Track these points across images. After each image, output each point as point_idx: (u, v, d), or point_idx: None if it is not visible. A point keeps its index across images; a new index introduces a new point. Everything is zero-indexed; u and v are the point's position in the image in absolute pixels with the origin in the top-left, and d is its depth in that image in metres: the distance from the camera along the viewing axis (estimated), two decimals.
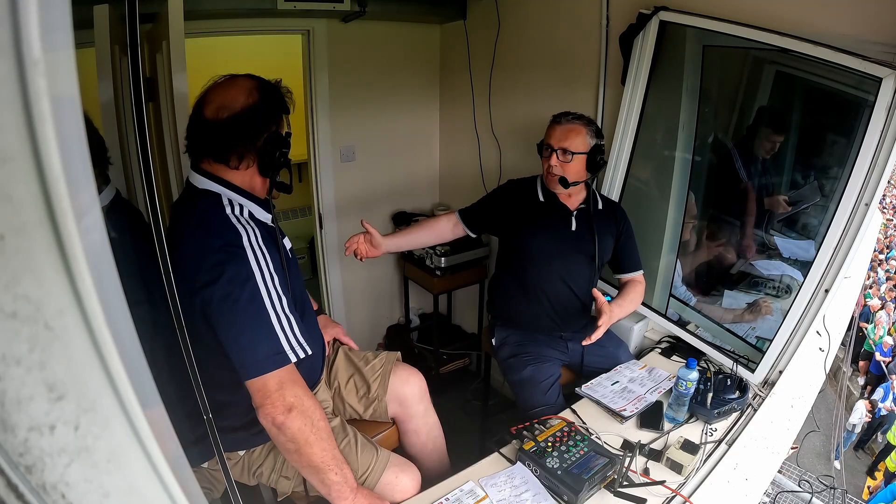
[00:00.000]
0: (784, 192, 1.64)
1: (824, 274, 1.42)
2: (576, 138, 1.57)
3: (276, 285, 1.03)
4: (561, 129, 1.59)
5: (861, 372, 7.91)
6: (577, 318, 1.73)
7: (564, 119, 1.60)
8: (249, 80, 1.09)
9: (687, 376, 1.37)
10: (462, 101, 2.62)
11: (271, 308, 1.01)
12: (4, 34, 0.26)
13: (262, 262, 1.02)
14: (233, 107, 1.04)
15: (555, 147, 1.58)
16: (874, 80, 1.25)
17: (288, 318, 1.03)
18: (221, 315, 0.98)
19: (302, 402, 1.01)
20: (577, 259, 1.67)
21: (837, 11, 1.35)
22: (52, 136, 0.27)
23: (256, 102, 1.06)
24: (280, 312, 1.02)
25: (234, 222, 1.04)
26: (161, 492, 0.39)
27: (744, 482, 1.24)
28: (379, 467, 1.21)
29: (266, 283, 1.01)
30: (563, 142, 1.57)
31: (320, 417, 1.04)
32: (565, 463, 1.17)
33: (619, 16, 1.85)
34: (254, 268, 1.01)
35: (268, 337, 1.00)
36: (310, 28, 2.31)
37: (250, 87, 1.07)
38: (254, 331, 1.00)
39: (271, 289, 1.02)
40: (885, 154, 1.26)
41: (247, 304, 0.99)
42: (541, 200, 1.69)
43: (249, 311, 0.99)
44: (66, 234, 0.29)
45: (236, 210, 1.08)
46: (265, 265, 1.02)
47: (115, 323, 0.33)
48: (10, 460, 0.31)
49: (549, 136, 1.62)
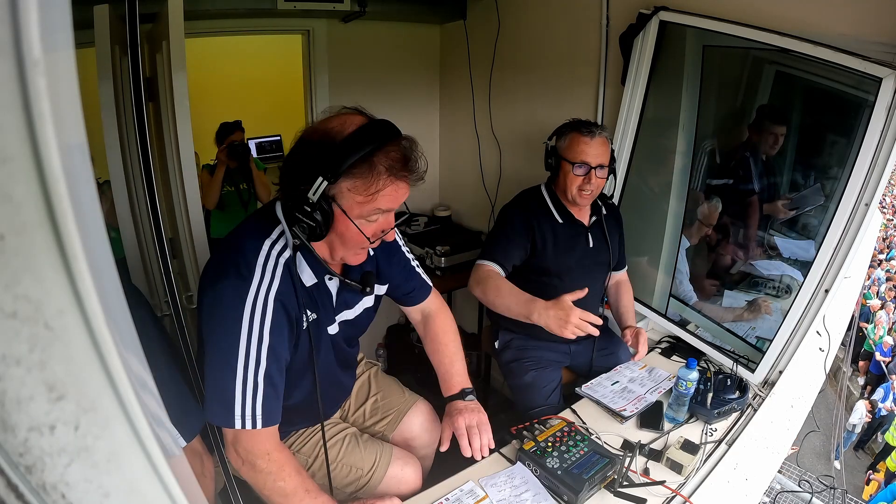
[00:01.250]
0: (785, 192, 1.64)
1: (824, 274, 1.42)
2: (608, 152, 1.49)
3: (262, 349, 0.92)
4: (596, 144, 1.47)
5: (861, 372, 7.91)
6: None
7: (596, 130, 1.48)
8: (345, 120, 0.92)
9: (687, 376, 1.37)
10: (462, 102, 2.62)
11: (241, 370, 0.91)
12: (4, 34, 0.26)
13: (256, 320, 0.91)
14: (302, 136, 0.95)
15: (593, 165, 1.46)
16: (874, 80, 1.25)
17: (255, 387, 0.92)
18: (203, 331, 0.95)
19: (254, 464, 0.95)
20: (594, 271, 1.66)
21: (837, 11, 1.35)
22: (52, 136, 0.27)
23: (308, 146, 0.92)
24: (249, 378, 0.91)
25: (259, 261, 0.94)
26: (161, 492, 0.39)
27: (744, 482, 1.24)
28: (385, 460, 1.21)
29: (249, 343, 0.91)
30: (600, 157, 1.47)
31: (283, 475, 0.96)
32: (565, 463, 1.17)
33: (619, 16, 1.85)
34: (244, 322, 0.91)
35: (223, 394, 0.91)
36: (310, 28, 2.31)
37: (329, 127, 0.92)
38: (216, 375, 0.92)
39: (252, 351, 0.91)
40: (885, 154, 1.26)
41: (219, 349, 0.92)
42: (559, 222, 1.60)
43: (218, 358, 0.92)
44: (66, 234, 0.29)
45: (275, 249, 0.97)
46: (258, 324, 0.92)
47: (115, 323, 0.33)
48: (10, 460, 0.31)
49: (584, 152, 1.47)
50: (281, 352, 0.96)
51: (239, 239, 0.98)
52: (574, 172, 1.50)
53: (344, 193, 0.90)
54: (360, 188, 0.90)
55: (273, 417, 0.96)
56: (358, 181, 0.89)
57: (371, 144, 0.88)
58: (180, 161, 1.39)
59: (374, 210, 0.92)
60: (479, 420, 1.18)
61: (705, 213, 1.80)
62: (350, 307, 1.15)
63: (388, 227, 0.98)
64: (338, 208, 0.91)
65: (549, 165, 1.59)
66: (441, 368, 1.28)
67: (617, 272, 1.78)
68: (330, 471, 1.17)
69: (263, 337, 0.92)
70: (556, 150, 1.56)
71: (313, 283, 1.03)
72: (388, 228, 0.98)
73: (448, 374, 1.26)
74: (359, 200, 0.91)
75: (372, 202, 0.91)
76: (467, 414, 1.18)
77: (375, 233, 0.97)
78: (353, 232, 0.93)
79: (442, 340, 1.29)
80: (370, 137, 0.89)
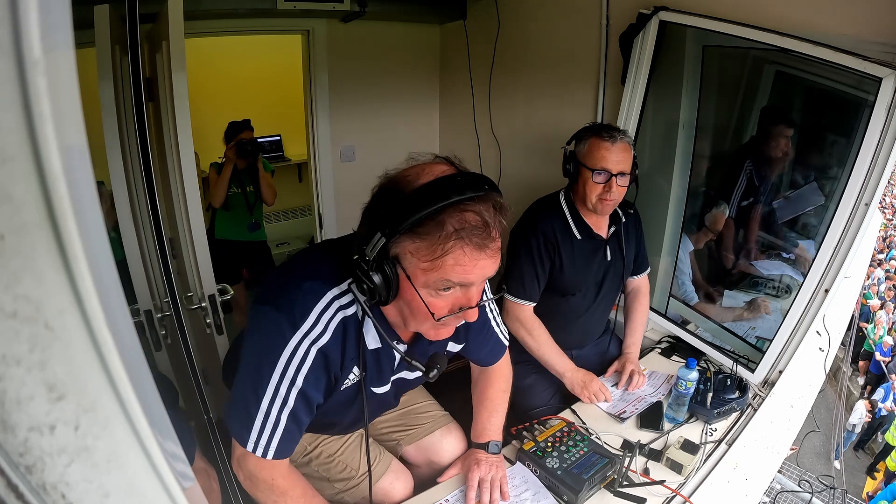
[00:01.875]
0: (784, 192, 1.64)
1: (824, 274, 1.42)
2: (630, 159, 1.41)
3: (292, 392, 0.87)
4: (617, 150, 1.39)
5: (861, 372, 7.91)
6: (596, 334, 1.74)
7: (618, 137, 1.40)
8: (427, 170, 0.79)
9: (687, 376, 1.37)
10: (462, 101, 2.62)
11: (266, 405, 0.87)
12: (4, 34, 0.26)
13: (293, 364, 0.86)
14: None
15: (613, 172, 1.38)
16: (874, 80, 1.25)
17: (276, 423, 0.88)
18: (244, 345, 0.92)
19: (256, 486, 0.95)
20: (611, 283, 1.63)
21: (837, 11, 1.35)
22: (52, 136, 0.27)
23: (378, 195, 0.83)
24: (273, 413, 0.88)
25: (316, 309, 0.85)
26: (161, 492, 0.39)
27: (744, 482, 1.24)
28: (380, 469, 1.20)
29: (280, 383, 0.86)
30: (621, 164, 1.39)
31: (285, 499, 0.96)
32: (565, 463, 1.17)
33: (619, 16, 1.85)
34: (280, 362, 0.85)
35: (245, 417, 0.88)
36: (310, 28, 2.31)
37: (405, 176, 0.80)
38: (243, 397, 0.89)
39: (281, 390, 0.86)
40: (885, 154, 1.26)
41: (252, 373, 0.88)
42: (578, 238, 1.52)
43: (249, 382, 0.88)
44: (66, 234, 0.29)
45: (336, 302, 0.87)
46: (293, 369, 0.86)
47: (115, 323, 0.33)
48: (10, 460, 0.31)
49: (604, 158, 1.39)
50: (313, 396, 0.91)
51: (301, 280, 0.88)
52: (594, 180, 1.41)
53: (407, 256, 0.77)
54: (423, 251, 0.76)
55: (286, 453, 0.93)
56: (421, 242, 0.75)
57: (444, 199, 0.73)
58: (180, 161, 1.38)
59: (443, 281, 0.77)
60: (494, 475, 1.14)
61: (713, 220, 1.79)
62: (412, 369, 1.06)
63: (468, 304, 0.82)
64: (402, 272, 0.78)
65: (568, 172, 1.50)
66: (479, 417, 1.25)
67: (636, 276, 1.72)
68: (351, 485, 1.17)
69: (297, 382, 0.87)
70: (574, 155, 1.47)
71: (377, 348, 0.95)
72: (467, 306, 0.82)
73: (483, 424, 1.24)
74: (423, 267, 0.77)
75: (438, 270, 0.76)
76: (485, 466, 1.15)
77: (450, 309, 0.82)
78: (419, 304, 0.80)
79: (491, 395, 1.26)
80: (446, 191, 0.74)
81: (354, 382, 0.96)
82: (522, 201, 1.66)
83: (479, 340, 1.16)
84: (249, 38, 3.55)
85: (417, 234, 0.75)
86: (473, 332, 1.13)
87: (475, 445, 1.23)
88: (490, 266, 0.79)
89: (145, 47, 1.62)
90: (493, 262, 0.79)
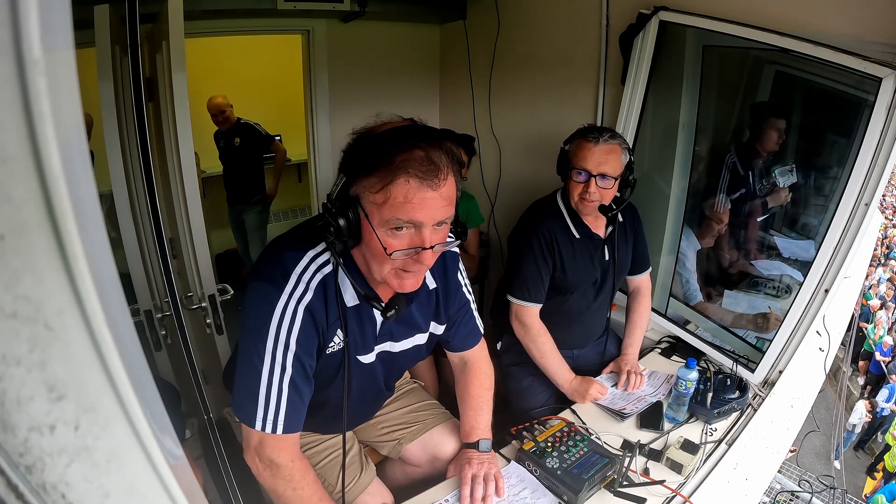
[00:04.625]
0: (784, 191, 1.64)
1: (824, 274, 1.42)
2: (615, 161, 1.41)
3: (288, 357, 0.92)
4: (599, 152, 1.40)
5: (861, 372, 7.91)
6: (596, 334, 1.74)
7: (602, 138, 1.41)
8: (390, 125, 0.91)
9: (687, 376, 1.37)
10: (462, 101, 2.62)
11: (266, 375, 0.92)
12: (4, 34, 0.26)
13: (284, 326, 0.91)
14: None
15: (593, 173, 1.40)
16: (874, 80, 1.25)
17: (279, 393, 0.92)
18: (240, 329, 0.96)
19: (279, 469, 0.96)
20: (608, 283, 1.64)
21: (837, 11, 1.35)
22: (52, 136, 0.27)
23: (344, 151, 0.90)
24: (274, 383, 0.92)
25: (297, 270, 0.92)
26: (161, 492, 0.39)
27: (744, 482, 1.24)
28: (356, 490, 1.17)
29: (275, 349, 0.91)
30: (602, 166, 1.39)
31: (298, 486, 0.98)
32: (565, 463, 1.17)
33: (619, 16, 1.85)
34: (272, 327, 0.91)
35: (249, 395, 0.93)
36: (310, 28, 2.31)
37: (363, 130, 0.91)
38: (245, 374, 0.94)
39: (278, 357, 0.92)
40: (885, 154, 1.26)
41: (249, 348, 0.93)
42: (576, 237, 1.54)
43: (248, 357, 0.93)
44: (66, 234, 0.29)
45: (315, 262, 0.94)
46: (285, 332, 0.91)
47: (115, 323, 0.33)
48: (10, 460, 0.31)
49: (585, 158, 1.41)
50: (307, 362, 0.95)
51: (281, 251, 0.96)
52: (574, 179, 1.44)
53: (365, 195, 0.84)
54: (375, 185, 0.82)
55: (295, 424, 0.96)
56: (374, 178, 0.82)
57: (397, 141, 0.81)
58: (180, 161, 1.38)
59: (394, 219, 0.82)
60: (487, 471, 1.15)
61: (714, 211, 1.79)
62: (396, 339, 1.09)
63: (422, 244, 0.85)
64: (361, 212, 0.85)
65: (560, 171, 1.53)
66: (466, 416, 1.25)
67: (637, 276, 1.73)
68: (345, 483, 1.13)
69: (290, 345, 0.92)
70: (566, 154, 1.50)
71: (355, 305, 0.98)
72: (420, 247, 0.85)
73: (471, 423, 1.24)
74: (376, 201, 0.82)
75: (388, 205, 0.81)
76: (477, 464, 1.16)
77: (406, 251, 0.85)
78: (377, 243, 0.85)
79: (473, 393, 1.25)
80: (400, 135, 0.83)
81: (340, 348, 1.00)
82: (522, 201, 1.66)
83: (459, 320, 1.20)
84: (249, 38, 3.55)
85: (371, 171, 0.82)
86: (454, 310, 1.17)
87: (466, 446, 1.22)
88: (438, 206, 0.83)
89: (145, 47, 1.62)
90: (442, 203, 0.84)
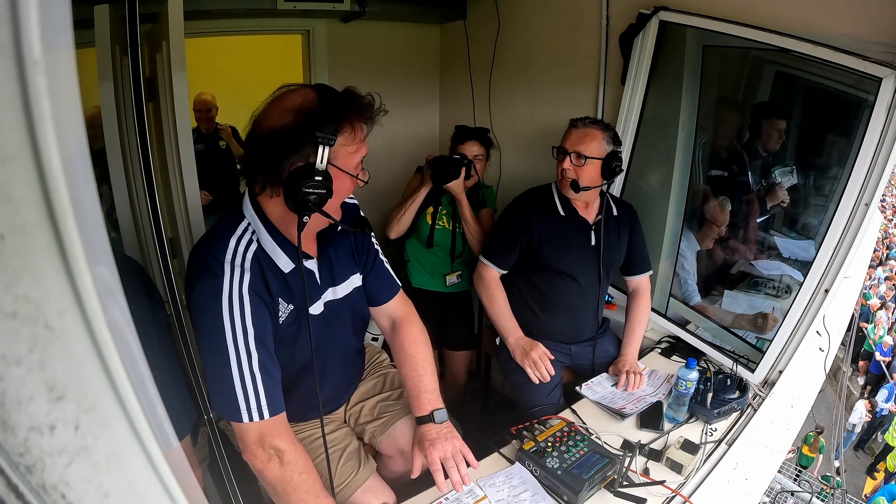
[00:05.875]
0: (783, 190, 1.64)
1: (824, 274, 1.42)
2: (591, 143, 1.55)
3: (249, 342, 0.95)
4: (577, 133, 1.57)
5: (861, 372, 7.92)
6: (589, 327, 1.74)
7: (581, 123, 1.58)
8: (300, 95, 0.95)
9: (687, 376, 1.37)
10: (462, 102, 2.62)
11: (235, 364, 0.94)
12: (4, 34, 0.26)
13: (236, 313, 0.94)
14: (264, 124, 0.95)
15: (569, 150, 1.56)
16: (874, 80, 1.25)
17: (253, 379, 0.95)
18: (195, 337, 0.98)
19: (282, 456, 0.98)
20: (595, 271, 1.67)
21: (837, 11, 1.35)
22: (52, 136, 0.27)
23: (288, 125, 0.92)
24: (245, 371, 0.94)
25: (227, 258, 0.96)
26: (161, 492, 0.39)
27: (744, 482, 1.24)
28: (353, 485, 1.16)
29: (235, 336, 0.94)
30: (577, 145, 1.55)
31: (304, 470, 1.00)
32: (565, 463, 1.17)
33: (619, 16, 1.85)
34: (224, 317, 0.93)
35: (226, 390, 0.94)
36: (310, 28, 2.31)
37: (294, 105, 0.93)
38: (215, 373, 0.96)
39: (240, 343, 0.94)
40: (885, 154, 1.26)
41: (210, 347, 0.94)
42: (562, 215, 1.65)
43: (212, 356, 0.95)
44: (66, 234, 0.29)
45: (241, 244, 0.99)
46: (238, 317, 0.94)
47: (115, 323, 0.33)
48: (10, 460, 0.31)
49: (565, 139, 1.60)
50: (268, 343, 0.99)
51: (206, 244, 1.00)
52: (554, 156, 1.61)
53: (339, 151, 0.96)
54: (349, 139, 0.97)
55: (279, 405, 0.98)
56: (346, 135, 0.96)
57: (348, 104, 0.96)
58: (180, 161, 1.39)
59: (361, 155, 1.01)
60: (453, 449, 1.10)
61: (713, 213, 1.80)
62: (336, 283, 1.13)
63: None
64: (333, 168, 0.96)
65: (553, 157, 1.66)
66: (409, 383, 1.20)
67: (636, 276, 1.76)
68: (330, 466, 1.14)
69: (247, 328, 0.95)
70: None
71: (292, 269, 1.03)
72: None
73: (416, 389, 1.18)
74: (351, 150, 0.98)
75: (360, 149, 1.00)
76: (440, 443, 1.10)
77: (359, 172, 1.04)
78: (349, 184, 1.00)
79: (409, 351, 1.21)
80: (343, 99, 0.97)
81: (289, 313, 1.04)
82: None
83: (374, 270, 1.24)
84: (249, 38, 3.55)
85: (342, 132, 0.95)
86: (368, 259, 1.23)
87: (420, 421, 1.15)
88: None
89: (145, 47, 1.62)
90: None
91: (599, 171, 1.55)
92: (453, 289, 2.09)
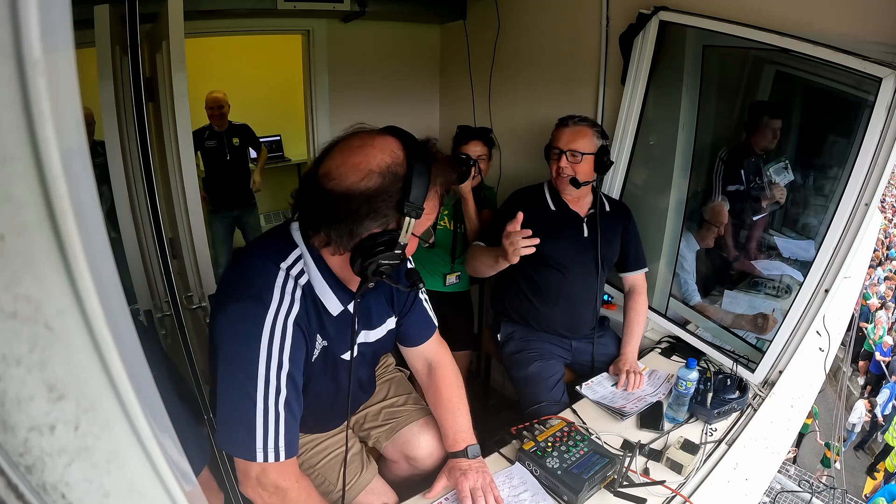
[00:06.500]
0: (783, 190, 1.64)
1: (824, 274, 1.42)
2: (583, 140, 1.60)
3: (282, 377, 0.88)
4: (568, 132, 1.61)
5: (861, 372, 7.91)
6: (587, 322, 1.75)
7: (571, 122, 1.62)
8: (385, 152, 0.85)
9: (687, 376, 1.37)
10: (462, 102, 2.62)
11: (262, 400, 0.86)
12: (4, 34, 0.26)
13: (275, 343, 0.87)
14: (342, 182, 0.84)
15: (563, 149, 1.61)
16: (874, 80, 1.25)
17: (277, 417, 0.88)
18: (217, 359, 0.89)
19: (286, 493, 0.93)
20: (590, 264, 1.69)
21: (837, 11, 1.35)
22: (52, 136, 0.27)
23: (371, 189, 0.83)
24: (271, 408, 0.87)
25: (278, 283, 0.89)
26: (161, 492, 0.39)
27: (744, 482, 1.24)
28: (356, 488, 1.16)
29: (268, 370, 0.87)
30: (571, 144, 1.60)
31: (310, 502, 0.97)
32: (565, 463, 1.17)
33: (619, 16, 1.85)
34: (262, 346, 0.86)
35: (245, 427, 0.87)
36: (310, 28, 2.31)
37: (381, 166, 0.84)
38: (231, 404, 0.88)
39: (272, 378, 0.87)
40: (885, 154, 1.26)
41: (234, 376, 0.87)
42: (552, 209, 1.69)
43: (234, 386, 0.87)
44: (66, 234, 0.29)
45: (291, 273, 0.92)
46: (277, 350, 0.87)
47: (115, 323, 0.33)
48: (10, 460, 0.31)
49: (557, 139, 1.63)
50: (298, 379, 0.93)
51: (251, 263, 0.93)
52: (551, 158, 1.65)
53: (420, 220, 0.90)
54: (432, 207, 0.93)
55: (294, 447, 0.93)
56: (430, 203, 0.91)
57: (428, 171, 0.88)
58: (180, 161, 1.38)
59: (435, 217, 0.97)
60: (483, 482, 1.12)
61: (713, 213, 1.80)
62: (372, 327, 1.10)
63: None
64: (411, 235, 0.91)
65: (545, 158, 1.70)
66: (445, 423, 1.21)
67: (631, 273, 1.78)
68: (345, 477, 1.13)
69: (283, 361, 0.88)
70: (549, 143, 1.69)
71: (340, 313, 0.99)
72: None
73: (452, 430, 1.20)
74: (430, 217, 0.94)
75: (435, 210, 0.96)
76: (472, 475, 1.12)
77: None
78: (415, 245, 0.96)
79: (446, 395, 1.22)
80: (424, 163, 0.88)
81: (320, 350, 1.00)
82: None
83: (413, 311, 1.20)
84: (249, 38, 3.55)
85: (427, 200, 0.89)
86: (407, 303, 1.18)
87: (452, 455, 1.18)
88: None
89: (145, 47, 1.62)
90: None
91: (592, 166, 1.61)
92: (453, 289, 2.09)
